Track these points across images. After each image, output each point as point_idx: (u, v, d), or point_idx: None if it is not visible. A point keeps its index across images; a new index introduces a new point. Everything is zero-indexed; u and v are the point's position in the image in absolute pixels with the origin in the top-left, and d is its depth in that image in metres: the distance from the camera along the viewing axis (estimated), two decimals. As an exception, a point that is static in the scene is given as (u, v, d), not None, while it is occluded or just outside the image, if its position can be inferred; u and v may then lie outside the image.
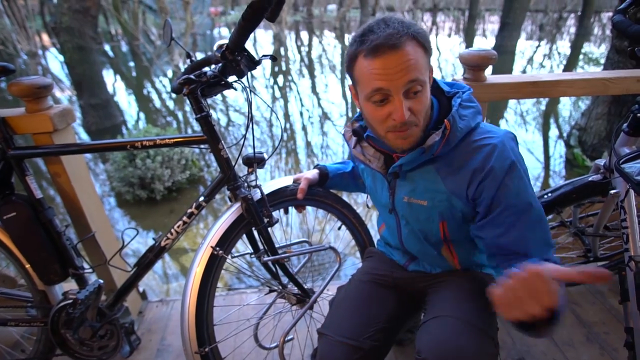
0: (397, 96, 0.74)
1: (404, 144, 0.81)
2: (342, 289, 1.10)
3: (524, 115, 6.45)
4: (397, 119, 0.75)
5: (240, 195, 1.04)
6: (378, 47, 0.71)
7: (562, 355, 1.34)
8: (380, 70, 0.72)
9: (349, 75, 0.82)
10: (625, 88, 1.22)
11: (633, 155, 0.92)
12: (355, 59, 0.76)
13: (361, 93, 0.79)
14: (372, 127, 0.83)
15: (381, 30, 0.72)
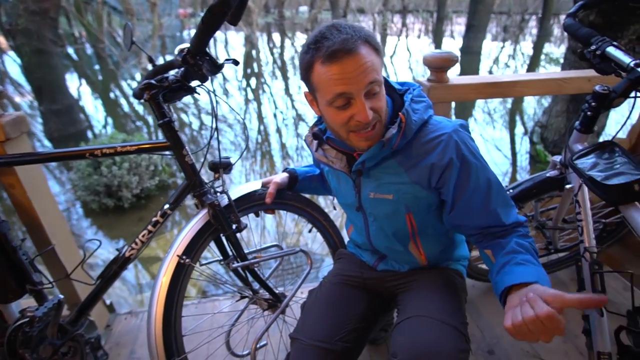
0: (359, 98, 0.76)
1: (367, 144, 0.84)
2: (313, 292, 1.10)
3: (491, 114, 6.68)
4: (362, 120, 0.77)
5: (207, 202, 1.02)
6: (335, 52, 0.73)
7: (529, 344, 1.39)
8: (340, 75, 0.74)
9: (306, 83, 0.83)
10: (577, 87, 1.29)
11: (585, 151, 0.96)
12: (311, 66, 0.77)
13: (322, 99, 0.80)
14: (335, 130, 0.85)
15: (334, 36, 0.73)
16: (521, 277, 0.72)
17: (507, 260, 0.78)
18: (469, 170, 0.83)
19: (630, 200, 0.81)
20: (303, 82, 0.83)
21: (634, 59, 0.90)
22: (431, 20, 18.13)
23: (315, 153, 0.97)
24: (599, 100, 0.94)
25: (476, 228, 0.86)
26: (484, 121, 6.38)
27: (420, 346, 0.80)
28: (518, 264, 0.76)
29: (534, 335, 0.63)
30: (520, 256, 0.78)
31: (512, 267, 0.76)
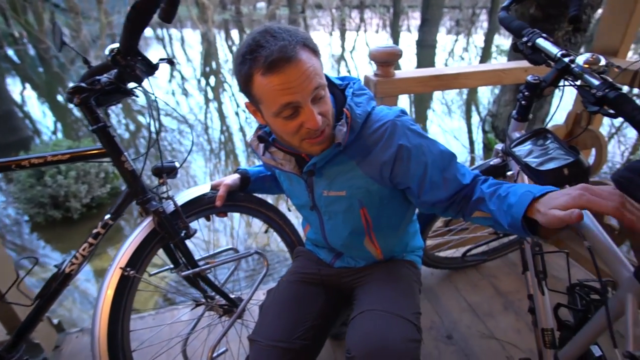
0: (307, 106, 0.74)
1: (321, 148, 0.83)
2: (271, 292, 1.09)
3: (449, 105, 6.90)
4: (312, 127, 0.75)
5: (151, 209, 0.98)
6: (275, 62, 0.69)
7: (484, 325, 1.45)
8: (284, 85, 0.71)
9: (246, 95, 0.79)
10: (516, 78, 1.34)
11: (522, 139, 1.00)
12: (250, 78, 0.73)
13: (267, 111, 0.77)
14: (285, 140, 0.83)
15: (270, 43, 0.70)
16: (528, 196, 0.67)
17: (500, 199, 0.74)
18: (421, 149, 0.85)
19: (562, 185, 0.85)
20: (243, 93, 0.79)
21: (560, 50, 0.94)
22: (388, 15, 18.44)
23: (262, 157, 0.94)
24: (531, 89, 0.98)
25: (446, 200, 0.85)
26: (442, 112, 6.58)
27: (371, 340, 0.81)
28: (509, 194, 0.73)
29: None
30: (502, 188, 0.76)
31: (510, 198, 0.71)
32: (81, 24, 9.20)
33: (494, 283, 1.64)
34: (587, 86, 0.85)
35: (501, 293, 1.59)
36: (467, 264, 1.68)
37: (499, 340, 1.39)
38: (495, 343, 1.38)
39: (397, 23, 16.09)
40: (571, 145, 0.90)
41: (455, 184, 0.84)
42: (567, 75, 0.93)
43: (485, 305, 1.54)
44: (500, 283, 1.64)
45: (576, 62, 0.89)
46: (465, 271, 1.70)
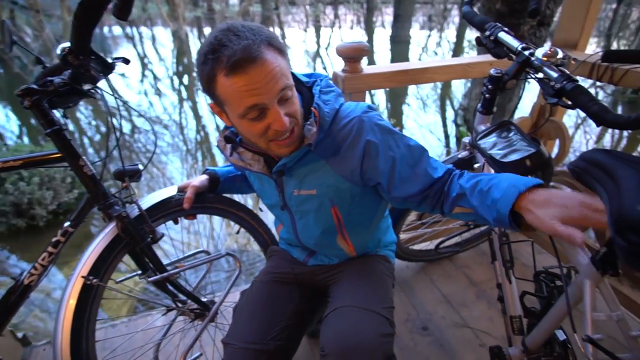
0: (273, 107, 0.72)
1: (290, 149, 0.82)
2: (244, 293, 1.08)
3: (424, 100, 7.00)
4: (280, 128, 0.74)
5: (114, 214, 0.94)
6: (238, 63, 0.66)
7: (458, 315, 1.48)
8: (249, 87, 0.68)
9: (210, 96, 0.76)
10: (481, 71, 1.37)
11: (487, 131, 1.02)
12: (214, 79, 0.70)
13: (232, 112, 0.75)
14: (252, 141, 0.81)
15: (233, 42, 0.67)
16: (514, 191, 0.67)
17: (482, 194, 0.73)
18: (389, 145, 0.84)
19: (524, 175, 0.87)
20: (207, 95, 0.76)
21: (521, 43, 0.96)
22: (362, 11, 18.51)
23: (230, 158, 0.92)
24: (494, 82, 1.00)
25: (418, 194, 0.83)
26: (417, 107, 6.67)
27: (344, 337, 0.80)
28: (491, 188, 0.72)
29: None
30: (483, 182, 0.75)
31: (493, 192, 0.71)
32: (43, 22, 8.78)
33: (467, 273, 1.68)
34: (547, 78, 0.87)
35: (474, 283, 1.63)
36: (441, 255, 1.71)
37: (472, 328, 1.42)
38: (469, 332, 1.41)
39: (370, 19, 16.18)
40: (533, 137, 0.93)
41: (427, 178, 0.84)
42: (528, 68, 0.95)
43: (459, 295, 1.57)
44: (473, 273, 1.68)
45: (535, 55, 0.91)
46: (440, 263, 1.73)
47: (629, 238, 0.45)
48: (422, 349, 1.36)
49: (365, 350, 0.77)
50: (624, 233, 0.46)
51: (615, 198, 0.50)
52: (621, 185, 0.50)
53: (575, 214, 0.59)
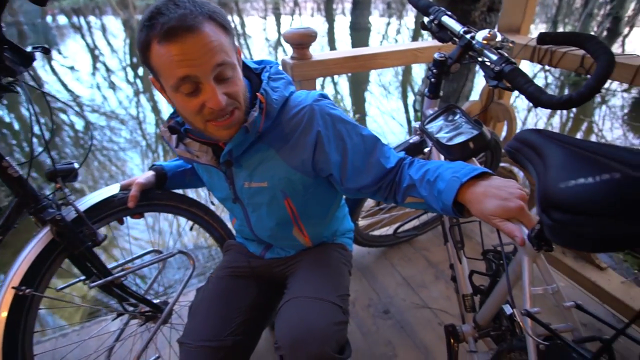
0: (208, 83, 0.68)
1: (229, 133, 0.77)
2: (200, 290, 1.04)
3: (386, 86, 7.07)
4: (215, 107, 0.70)
5: (47, 218, 0.87)
6: (172, 30, 0.63)
7: (418, 297, 1.52)
8: (182, 56, 0.65)
9: (147, 67, 0.72)
10: (430, 56, 1.37)
11: (434, 115, 1.04)
12: (148, 47, 0.67)
13: (166, 84, 0.71)
14: (189, 120, 0.76)
15: (171, 11, 0.64)
16: (455, 182, 0.69)
17: (430, 185, 0.75)
18: (341, 135, 0.83)
19: (468, 157, 0.90)
20: (145, 67, 0.72)
21: (463, 27, 0.97)
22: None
23: (176, 150, 0.87)
24: (439, 67, 1.01)
25: (372, 184, 0.83)
26: (380, 94, 6.73)
27: (295, 328, 0.80)
28: (437, 178, 0.73)
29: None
30: (429, 172, 0.76)
31: (439, 183, 0.72)
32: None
33: (426, 255, 1.72)
34: (488, 61, 0.89)
35: (433, 264, 1.68)
36: (400, 239, 1.74)
37: (431, 309, 1.46)
38: (428, 312, 1.45)
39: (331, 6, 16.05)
40: (476, 120, 0.94)
41: (380, 168, 0.83)
42: (470, 52, 0.96)
43: (419, 277, 1.61)
44: (431, 255, 1.72)
45: (476, 38, 0.92)
46: (400, 247, 1.76)
47: (552, 216, 0.46)
48: (384, 332, 1.38)
49: (317, 339, 0.77)
50: (548, 211, 0.47)
51: (542, 176, 0.51)
52: (548, 164, 0.52)
53: (512, 205, 0.62)
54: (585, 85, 0.74)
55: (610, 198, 0.41)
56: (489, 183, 0.68)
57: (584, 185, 0.44)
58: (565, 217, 0.44)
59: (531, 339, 0.62)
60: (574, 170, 0.46)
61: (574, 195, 0.44)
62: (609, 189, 0.42)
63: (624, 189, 0.41)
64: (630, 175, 0.41)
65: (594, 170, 0.44)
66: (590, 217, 0.42)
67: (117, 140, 4.91)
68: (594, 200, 0.42)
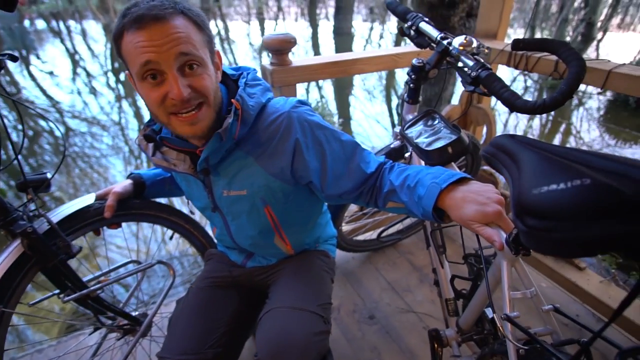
0: (171, 72, 0.67)
1: (192, 130, 0.74)
2: (180, 302, 1.02)
3: (370, 91, 7.13)
4: (175, 97, 0.68)
5: (17, 231, 0.84)
6: (140, 17, 0.65)
7: (403, 301, 1.52)
8: (146, 43, 0.65)
9: (121, 59, 0.71)
10: (409, 61, 1.39)
11: (414, 120, 1.04)
12: (121, 37, 0.68)
13: (133, 74, 0.70)
14: (154, 113, 0.74)
15: (144, 3, 0.66)
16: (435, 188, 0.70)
17: (410, 190, 0.75)
18: (320, 142, 0.82)
19: (448, 162, 0.90)
20: (120, 59, 0.72)
21: (440, 32, 0.98)
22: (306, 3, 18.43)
23: (153, 158, 0.85)
24: (417, 72, 1.02)
25: (353, 190, 0.83)
26: (364, 98, 6.77)
27: (275, 340, 0.79)
28: (417, 184, 0.74)
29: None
30: (410, 177, 0.77)
31: (419, 189, 0.73)
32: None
33: (410, 259, 1.73)
34: (465, 67, 0.90)
35: (417, 267, 1.68)
36: (384, 244, 1.74)
37: (416, 313, 1.47)
38: (413, 316, 1.45)
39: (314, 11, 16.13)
40: (454, 124, 0.95)
41: (360, 173, 0.83)
42: (447, 57, 0.97)
43: (403, 281, 1.61)
44: (416, 258, 1.73)
45: (453, 44, 0.93)
46: (384, 251, 1.77)
47: (526, 222, 0.46)
48: (369, 337, 1.38)
49: (297, 351, 0.76)
50: (522, 217, 0.47)
51: (516, 182, 0.52)
52: (521, 169, 0.52)
53: (489, 210, 0.63)
54: (558, 91, 0.75)
55: (581, 204, 0.42)
56: (468, 188, 0.69)
57: (556, 192, 0.44)
58: (538, 223, 0.45)
59: (511, 343, 0.62)
60: (546, 176, 0.47)
61: (547, 202, 0.44)
62: (580, 195, 0.42)
63: (594, 195, 0.41)
64: (600, 181, 0.42)
65: (566, 177, 0.45)
66: (563, 223, 0.43)
67: (98, 146, 4.81)
68: (565, 206, 0.43)
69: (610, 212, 0.41)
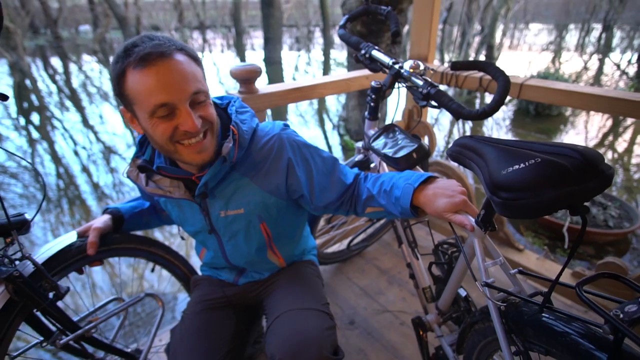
0: (184, 107, 0.73)
1: (201, 157, 0.80)
2: (176, 330, 1.02)
3: (303, 115, 7.39)
4: (190, 129, 0.73)
5: (1, 277, 0.80)
6: (147, 56, 0.68)
7: (377, 302, 1.63)
8: (158, 83, 0.69)
9: (121, 99, 0.75)
10: (360, 84, 1.57)
11: (377, 134, 1.18)
12: (123, 75, 0.71)
13: (141, 112, 0.73)
14: (161, 145, 0.78)
15: (146, 43, 0.70)
16: (409, 188, 0.82)
17: (387, 194, 0.86)
18: (307, 159, 0.92)
19: (414, 166, 1.05)
20: (118, 98, 0.75)
21: (392, 59, 1.15)
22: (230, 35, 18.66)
23: (147, 188, 0.87)
24: (376, 92, 1.17)
25: (336, 201, 0.93)
26: (298, 123, 7.00)
27: (292, 338, 0.84)
28: (392, 187, 0.85)
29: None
30: (385, 183, 0.88)
31: (395, 191, 0.84)
32: None
33: (377, 264, 1.86)
34: (415, 86, 1.07)
35: (384, 271, 1.81)
36: (353, 253, 1.86)
37: (391, 312, 1.58)
38: (389, 315, 1.57)
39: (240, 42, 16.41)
40: (414, 134, 1.11)
41: (341, 185, 0.94)
42: (399, 79, 1.14)
43: (374, 285, 1.73)
44: (381, 263, 1.87)
45: (404, 67, 1.10)
46: (352, 260, 1.88)
47: (500, 195, 0.60)
48: (353, 341, 1.45)
49: (314, 345, 0.82)
50: (496, 192, 0.61)
51: (485, 169, 0.66)
52: (487, 159, 0.67)
53: (458, 200, 0.78)
54: (493, 100, 0.94)
55: (537, 176, 0.57)
56: (436, 185, 0.83)
57: (518, 170, 0.59)
58: (509, 194, 0.59)
59: (492, 303, 0.75)
60: (507, 160, 0.62)
61: (513, 178, 0.59)
62: (535, 170, 0.57)
63: (545, 169, 0.57)
64: (547, 159, 0.57)
65: (522, 159, 0.60)
66: (527, 192, 0.57)
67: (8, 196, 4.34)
68: (527, 179, 0.57)
69: (557, 180, 0.56)
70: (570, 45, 14.06)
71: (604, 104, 1.21)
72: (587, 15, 18.66)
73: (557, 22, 20.74)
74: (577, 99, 1.25)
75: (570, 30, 18.35)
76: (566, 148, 0.59)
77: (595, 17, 18.59)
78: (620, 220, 2.70)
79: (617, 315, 0.53)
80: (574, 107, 2.12)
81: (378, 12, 1.23)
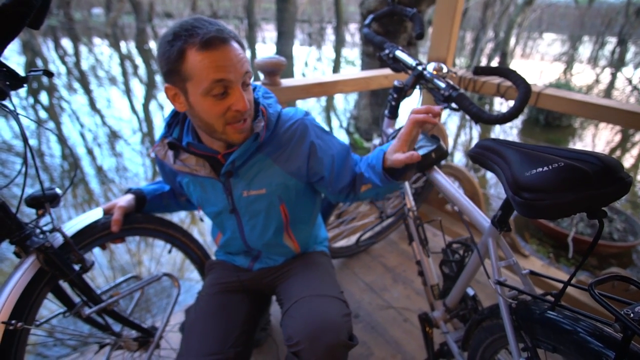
0: (237, 87, 0.79)
1: (243, 136, 0.86)
2: (191, 309, 1.06)
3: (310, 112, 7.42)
4: (241, 109, 0.80)
5: (33, 247, 0.83)
6: (212, 40, 0.74)
7: (382, 298, 1.67)
8: (220, 62, 0.76)
9: (172, 75, 0.79)
10: (379, 83, 1.59)
11: (395, 133, 1.21)
12: (183, 54, 0.75)
13: (195, 89, 0.78)
14: (209, 123, 0.83)
15: (206, 26, 0.76)
16: (380, 153, 0.90)
17: (369, 166, 0.94)
18: (327, 144, 0.98)
19: (431, 166, 1.08)
20: (166, 75, 0.79)
21: (415, 60, 1.18)
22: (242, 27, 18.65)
23: (174, 165, 0.93)
24: (398, 92, 1.20)
25: (348, 185, 0.99)
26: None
27: (311, 322, 0.87)
28: (371, 158, 0.94)
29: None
30: (369, 158, 0.96)
31: (372, 160, 0.93)
32: None
33: (382, 262, 1.89)
34: (437, 88, 1.10)
35: (389, 269, 1.84)
36: (361, 248, 1.89)
37: (395, 308, 1.61)
38: (393, 311, 1.60)
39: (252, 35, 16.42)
40: (432, 135, 1.14)
41: (353, 170, 1.00)
42: (422, 80, 1.16)
43: (380, 281, 1.76)
44: (387, 260, 1.90)
45: (427, 69, 1.13)
46: (359, 256, 1.91)
47: (523, 196, 0.63)
48: (358, 334, 1.48)
49: (333, 330, 0.85)
50: (519, 193, 0.64)
51: (507, 171, 0.69)
52: (509, 161, 0.70)
53: (404, 134, 0.85)
54: (513, 107, 0.97)
55: (560, 179, 0.60)
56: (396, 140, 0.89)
57: (541, 173, 0.62)
58: (532, 195, 0.62)
59: (503, 299, 0.78)
60: (531, 163, 0.64)
61: (536, 180, 0.62)
62: (558, 173, 0.60)
63: (567, 173, 0.60)
64: (569, 164, 0.60)
65: (545, 162, 0.63)
66: (549, 194, 0.60)
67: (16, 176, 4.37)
68: (550, 181, 0.60)
69: (578, 184, 0.59)
70: (583, 57, 14.02)
71: (619, 116, 1.23)
72: (602, 28, 18.54)
73: (572, 33, 20.66)
74: (593, 110, 1.27)
75: (584, 42, 18.28)
76: (587, 154, 0.62)
77: (610, 30, 18.48)
78: (625, 234, 2.72)
79: (628, 314, 0.55)
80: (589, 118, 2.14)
81: (404, 13, 1.26)
